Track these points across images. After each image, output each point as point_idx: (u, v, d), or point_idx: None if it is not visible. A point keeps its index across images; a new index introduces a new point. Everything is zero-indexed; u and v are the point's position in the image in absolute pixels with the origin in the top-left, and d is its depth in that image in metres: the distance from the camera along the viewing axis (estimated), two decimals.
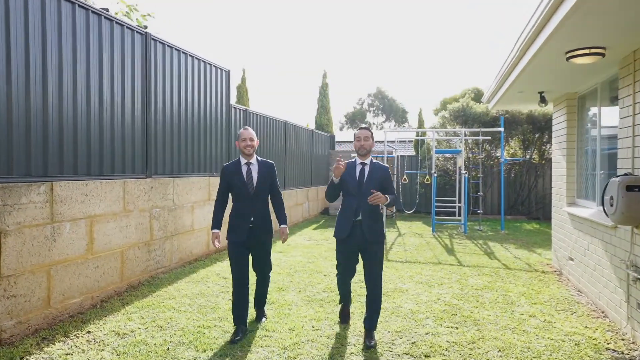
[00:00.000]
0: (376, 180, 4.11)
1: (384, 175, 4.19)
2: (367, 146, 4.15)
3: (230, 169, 4.34)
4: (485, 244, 9.46)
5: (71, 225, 4.72)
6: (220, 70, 8.28)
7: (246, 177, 4.29)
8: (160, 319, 4.58)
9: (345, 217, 4.18)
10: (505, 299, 5.47)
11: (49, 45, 4.55)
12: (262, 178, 4.35)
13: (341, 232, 4.18)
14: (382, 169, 4.21)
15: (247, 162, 4.34)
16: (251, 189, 4.29)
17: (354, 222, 4.11)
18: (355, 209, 4.10)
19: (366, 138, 4.15)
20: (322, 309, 4.96)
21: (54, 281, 4.51)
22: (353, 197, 4.13)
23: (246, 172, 4.31)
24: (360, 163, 4.21)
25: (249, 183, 4.29)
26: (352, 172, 4.18)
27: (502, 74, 6.14)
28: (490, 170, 14.88)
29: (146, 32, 6.15)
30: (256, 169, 4.35)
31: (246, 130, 4.35)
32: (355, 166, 4.22)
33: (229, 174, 4.31)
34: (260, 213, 4.32)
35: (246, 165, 4.33)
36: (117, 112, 5.55)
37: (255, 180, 4.31)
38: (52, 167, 4.60)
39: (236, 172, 4.30)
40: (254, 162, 4.38)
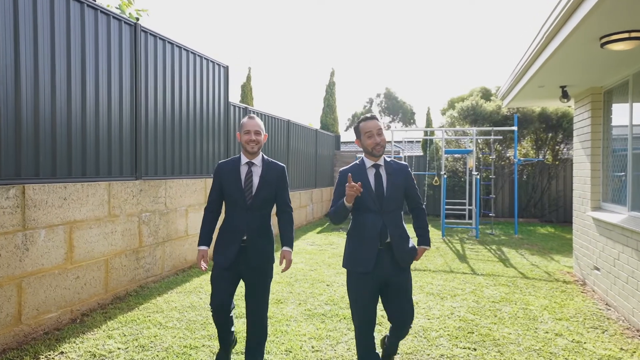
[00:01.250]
0: (398, 187, 3.09)
1: (407, 178, 3.17)
2: (384, 143, 3.07)
3: (227, 167, 3.33)
4: (498, 249, 8.93)
5: (47, 232, 4.27)
6: (218, 66, 7.83)
7: (244, 181, 3.25)
8: (144, 337, 4.12)
9: (366, 242, 3.01)
10: (526, 313, 4.96)
11: (22, 34, 4.10)
12: (266, 185, 3.27)
13: (363, 263, 2.99)
14: (402, 169, 3.18)
15: (249, 161, 3.30)
16: (248, 197, 3.23)
17: (381, 247, 3.02)
18: (380, 229, 2.99)
19: (380, 132, 3.05)
20: (323, 325, 4.47)
21: (25, 295, 4.06)
22: (374, 214, 3.02)
23: (245, 174, 3.27)
24: (372, 165, 3.09)
25: (247, 189, 3.24)
26: (363, 179, 3.05)
27: (521, 67, 5.63)
28: (502, 171, 14.33)
29: (135, 23, 5.70)
30: (259, 172, 3.29)
31: (251, 119, 3.28)
32: (365, 170, 3.10)
33: (223, 174, 3.31)
34: (256, 231, 3.24)
35: (247, 166, 3.29)
36: (102, 109, 5.11)
37: (256, 186, 3.25)
38: (26, 168, 4.15)
39: (233, 172, 3.28)
40: (258, 162, 3.32)
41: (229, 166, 3.34)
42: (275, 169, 3.37)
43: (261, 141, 3.29)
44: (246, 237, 3.21)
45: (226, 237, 3.26)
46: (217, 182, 3.36)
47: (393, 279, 3.05)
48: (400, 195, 3.12)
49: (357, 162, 3.16)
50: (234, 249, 3.20)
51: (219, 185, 3.35)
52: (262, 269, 3.29)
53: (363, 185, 3.01)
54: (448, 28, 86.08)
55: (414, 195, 3.26)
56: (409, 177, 3.21)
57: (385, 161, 3.15)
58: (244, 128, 3.28)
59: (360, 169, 3.10)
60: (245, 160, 3.31)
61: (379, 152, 3.05)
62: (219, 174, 3.35)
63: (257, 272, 3.27)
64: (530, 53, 4.97)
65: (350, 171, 3.08)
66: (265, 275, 3.32)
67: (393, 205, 3.06)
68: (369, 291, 3.04)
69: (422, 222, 3.28)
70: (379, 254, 3.02)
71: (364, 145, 3.08)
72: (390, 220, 3.04)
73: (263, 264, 3.27)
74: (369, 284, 3.02)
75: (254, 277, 3.27)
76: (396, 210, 3.09)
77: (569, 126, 13.46)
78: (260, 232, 3.26)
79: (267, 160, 3.38)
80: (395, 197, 3.08)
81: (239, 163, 3.32)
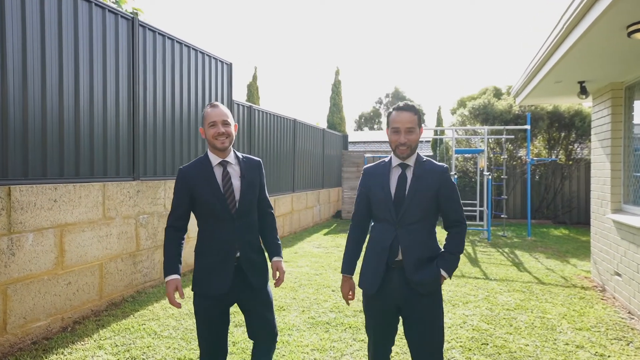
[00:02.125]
0: (425, 194, 2.43)
1: (442, 184, 2.47)
2: (412, 143, 2.45)
3: (194, 172, 2.59)
4: (511, 252, 8.61)
5: (35, 236, 4.05)
6: (221, 63, 7.59)
7: (223, 186, 2.57)
8: (137, 348, 3.88)
9: (374, 258, 2.52)
10: (543, 322, 4.65)
11: (9, 27, 3.89)
12: (249, 186, 2.65)
13: (368, 282, 2.54)
14: (437, 172, 2.48)
15: (222, 160, 2.61)
16: (232, 204, 2.57)
17: (389, 265, 2.49)
18: (390, 243, 2.45)
19: (410, 129, 2.44)
20: (327, 335, 4.21)
21: (11, 302, 3.84)
22: (388, 224, 2.48)
23: (222, 177, 2.59)
24: (398, 164, 2.53)
25: (229, 195, 2.57)
26: (384, 180, 2.51)
27: (537, 62, 5.32)
28: (513, 172, 13.97)
29: (133, 18, 5.48)
30: (237, 173, 2.64)
31: (215, 107, 2.60)
32: (389, 170, 2.54)
33: (192, 181, 2.56)
34: (250, 244, 2.62)
35: (220, 167, 2.61)
36: (97, 106, 4.88)
37: (239, 190, 2.60)
38: (13, 168, 3.94)
39: (205, 177, 2.57)
40: (233, 160, 2.65)
41: (196, 170, 2.59)
42: (253, 165, 2.74)
43: (232, 133, 2.61)
44: (239, 253, 2.56)
45: (212, 259, 2.54)
46: (183, 193, 2.58)
47: (408, 306, 2.47)
48: (428, 205, 2.45)
49: (386, 159, 2.61)
50: (227, 270, 2.53)
51: (187, 197, 2.58)
52: (265, 289, 2.69)
53: (379, 186, 2.52)
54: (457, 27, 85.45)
55: (451, 208, 2.50)
56: (446, 183, 2.48)
57: (417, 161, 2.51)
58: (207, 120, 2.58)
59: (384, 168, 2.56)
60: (217, 160, 2.61)
61: (402, 154, 2.46)
62: (185, 181, 2.58)
63: (258, 296, 2.65)
64: (548, 45, 4.67)
65: (373, 170, 2.61)
66: (267, 292, 2.71)
67: (414, 216, 2.44)
68: (378, 315, 2.56)
69: (453, 244, 2.51)
70: (387, 274, 2.48)
71: (389, 140, 2.53)
72: (407, 234, 2.44)
73: (262, 282, 2.67)
74: (377, 308, 2.55)
75: (253, 299, 2.65)
76: (419, 223, 2.45)
77: (583, 125, 13.08)
78: (252, 245, 2.65)
79: (242, 157, 2.72)
80: (419, 207, 2.43)
81: (210, 165, 2.60)
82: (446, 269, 2.47)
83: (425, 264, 2.45)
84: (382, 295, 2.50)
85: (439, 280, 2.45)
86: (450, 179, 2.52)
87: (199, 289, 2.55)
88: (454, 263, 2.50)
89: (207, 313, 2.55)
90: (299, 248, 8.74)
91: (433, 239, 2.53)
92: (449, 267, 2.48)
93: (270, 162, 9.77)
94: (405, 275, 2.44)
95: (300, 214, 11.46)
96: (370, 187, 2.58)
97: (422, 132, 2.52)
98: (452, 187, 2.51)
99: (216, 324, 2.58)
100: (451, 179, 2.53)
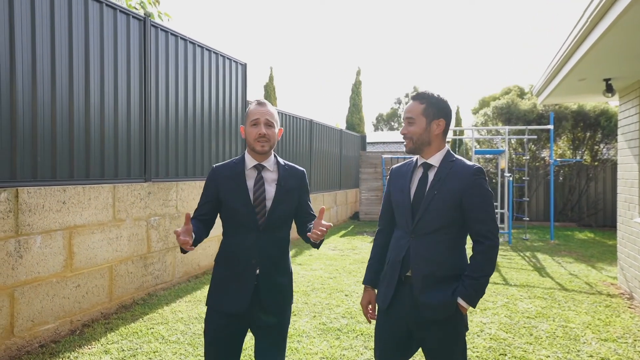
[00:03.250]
0: (446, 200, 2.10)
1: (467, 189, 2.09)
2: (412, 134, 2.16)
3: (226, 172, 2.32)
4: (533, 256, 8.33)
5: (43, 238, 4.02)
6: (235, 64, 7.53)
7: (254, 193, 2.27)
8: (143, 353, 3.81)
9: (389, 268, 2.24)
10: (566, 332, 4.43)
11: (19, 27, 3.87)
12: (284, 197, 2.31)
13: (381, 295, 2.27)
14: (464, 174, 2.12)
15: (258, 164, 2.32)
16: (260, 213, 2.26)
17: (401, 279, 2.19)
18: (403, 255, 2.16)
19: (409, 120, 2.17)
20: (337, 342, 4.07)
21: (19, 305, 3.81)
22: (403, 232, 2.21)
23: (255, 182, 2.29)
24: (422, 164, 2.22)
25: (258, 204, 2.26)
26: (404, 182, 2.24)
27: (560, 59, 5.09)
28: (536, 173, 13.60)
29: (144, 18, 5.44)
30: (274, 179, 2.32)
31: (261, 105, 2.30)
32: (413, 170, 2.25)
33: (222, 181, 2.31)
34: (272, 261, 2.28)
35: (255, 170, 2.32)
36: (108, 107, 4.85)
37: (271, 200, 2.28)
38: (22, 170, 3.91)
39: (236, 179, 2.29)
40: (271, 166, 2.35)
41: (229, 171, 2.32)
42: (295, 174, 2.39)
43: (274, 137, 2.29)
44: (259, 270, 2.23)
45: (230, 271, 2.26)
46: (211, 192, 2.33)
47: (419, 331, 2.16)
48: (449, 213, 2.10)
49: (413, 158, 2.31)
50: (247, 288, 2.21)
51: (213, 197, 2.33)
52: (280, 316, 2.31)
53: (401, 191, 2.23)
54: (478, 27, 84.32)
55: (476, 219, 2.09)
56: (474, 187, 2.08)
57: (444, 160, 2.16)
58: (250, 117, 2.28)
59: (408, 167, 2.28)
60: (253, 163, 2.31)
61: (405, 148, 2.21)
62: (214, 180, 2.33)
63: (273, 320, 2.29)
64: (571, 41, 4.45)
65: (398, 169, 2.34)
66: (284, 323, 2.36)
67: (431, 226, 2.11)
68: (387, 333, 2.24)
69: (475, 267, 2.09)
70: (398, 290, 2.18)
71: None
72: (420, 246, 2.13)
73: (282, 308, 2.32)
74: (386, 326, 2.24)
75: (268, 328, 2.30)
76: (437, 234, 2.12)
77: (609, 124, 12.66)
78: (277, 264, 2.30)
79: (283, 164, 2.39)
80: (437, 214, 2.10)
81: (244, 167, 2.31)
82: (465, 296, 2.07)
83: (439, 284, 2.10)
84: (393, 312, 2.20)
85: (451, 307, 2.08)
86: (482, 183, 2.09)
87: (213, 302, 2.28)
88: (477, 290, 2.07)
89: (217, 334, 2.25)
90: (314, 250, 8.61)
91: (456, 254, 2.15)
92: (467, 295, 2.07)
93: None
94: (412, 293, 2.14)
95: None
96: (392, 188, 2.32)
97: (442, 125, 2.16)
98: (481, 192, 2.09)
99: (225, 349, 2.25)
100: (484, 183, 2.10)
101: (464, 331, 2.17)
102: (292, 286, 2.40)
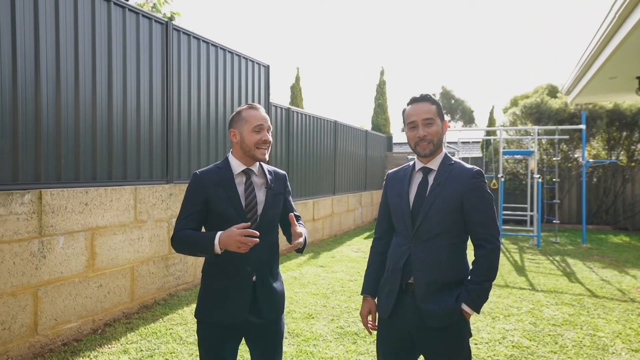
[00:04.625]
0: (447, 204, 2.06)
1: (468, 192, 2.06)
2: (434, 137, 2.10)
3: (212, 178, 2.23)
4: (563, 260, 8.05)
5: (66, 239, 4.12)
6: (258, 66, 7.57)
7: (245, 199, 2.21)
8: (160, 354, 3.85)
9: (389, 277, 2.19)
10: (593, 341, 4.26)
11: (43, 33, 3.97)
12: (274, 201, 2.30)
13: (382, 304, 2.21)
14: (464, 177, 2.08)
15: (246, 169, 2.27)
16: (252, 220, 2.21)
17: (402, 286, 2.13)
18: (404, 262, 2.11)
19: (428, 121, 2.09)
20: (354, 347, 4.02)
21: (42, 304, 3.91)
22: (403, 239, 2.15)
23: (245, 188, 2.24)
24: (421, 168, 2.19)
25: (250, 210, 2.22)
26: (403, 187, 2.19)
27: (588, 56, 4.90)
28: (568, 174, 13.17)
29: (167, 22, 5.52)
30: (262, 184, 2.30)
31: (257, 110, 2.26)
32: (411, 174, 2.21)
33: (210, 189, 2.20)
34: (268, 267, 2.26)
35: (243, 176, 2.27)
36: (131, 110, 4.94)
37: (262, 203, 2.25)
38: (46, 172, 4.02)
39: (224, 186, 2.21)
40: (257, 170, 2.31)
41: (215, 177, 2.23)
42: (279, 177, 2.39)
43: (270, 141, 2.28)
44: (255, 277, 2.19)
45: (226, 282, 2.18)
46: (198, 200, 2.20)
47: (421, 339, 2.10)
48: (450, 217, 2.06)
49: (410, 163, 2.27)
50: (244, 297, 2.16)
51: (201, 205, 2.20)
52: (277, 323, 2.30)
53: (399, 197, 2.18)
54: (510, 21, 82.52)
55: (477, 222, 2.05)
56: (474, 190, 2.05)
57: (443, 164, 2.13)
58: (251, 123, 2.21)
59: (405, 172, 2.23)
60: (241, 168, 2.25)
61: (424, 151, 2.10)
62: (201, 188, 2.21)
63: (269, 328, 2.26)
64: (600, 36, 4.27)
65: (394, 174, 2.31)
66: (279, 331, 2.32)
67: (432, 231, 2.07)
68: (389, 343, 2.19)
69: (478, 271, 2.04)
70: (400, 297, 2.12)
71: (407, 140, 2.18)
72: (422, 252, 2.07)
73: (279, 314, 2.29)
74: (389, 335, 2.18)
75: (264, 337, 2.26)
76: (438, 239, 2.07)
77: None
78: (271, 269, 2.28)
79: (267, 168, 2.38)
80: (438, 219, 2.06)
81: (230, 172, 2.25)
82: (469, 302, 2.02)
83: (441, 291, 2.05)
84: (395, 322, 2.14)
85: (455, 314, 2.03)
86: (481, 186, 2.07)
87: (206, 315, 2.18)
88: (480, 295, 2.02)
89: (212, 345, 2.20)
90: (337, 252, 8.57)
91: (458, 259, 2.11)
92: (471, 300, 2.02)
93: (309, 164, 9.67)
94: (414, 300, 2.08)
95: (341, 217, 11.30)
96: (388, 194, 2.27)
97: (447, 126, 2.16)
98: (481, 195, 2.06)
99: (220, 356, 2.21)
100: (484, 186, 2.08)
101: (468, 337, 2.12)
102: (284, 293, 2.36)
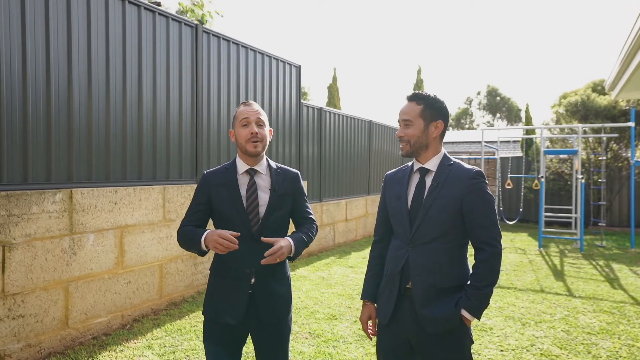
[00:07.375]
0: (446, 206, 1.99)
1: (468, 193, 1.98)
2: (410, 137, 2.06)
3: (217, 179, 2.28)
4: (607, 265, 7.65)
5: (96, 236, 4.28)
6: (290, 66, 7.61)
7: (246, 200, 2.22)
8: (182, 351, 3.94)
9: (387, 281, 2.12)
10: (631, 352, 4.01)
11: (75, 38, 4.14)
12: (279, 201, 2.26)
13: (381, 310, 2.14)
14: (463, 178, 2.01)
15: (250, 168, 2.27)
16: (254, 221, 2.20)
17: (401, 291, 2.06)
18: (402, 266, 2.04)
19: (406, 122, 2.07)
20: (373, 350, 3.97)
21: (73, 299, 4.08)
22: (401, 242, 2.09)
23: (247, 189, 2.24)
24: (418, 169, 2.12)
25: (252, 211, 2.21)
26: (401, 188, 2.12)
27: (630, 45, 4.62)
28: (618, 174, 12.50)
29: (196, 25, 5.64)
30: (267, 184, 2.27)
31: (248, 106, 2.29)
32: (409, 176, 2.14)
33: (213, 189, 2.26)
34: (270, 270, 2.21)
35: (247, 176, 2.27)
36: (161, 112, 5.07)
37: (265, 205, 2.23)
38: (77, 173, 4.19)
39: (228, 186, 2.24)
40: (263, 169, 2.30)
41: (219, 177, 2.27)
42: (289, 177, 2.33)
43: (265, 137, 2.26)
44: (254, 280, 2.18)
45: (226, 281, 2.21)
46: (203, 199, 2.26)
47: (420, 346, 2.02)
48: (449, 220, 1.98)
49: (409, 163, 2.21)
50: (241, 300, 2.16)
51: (205, 204, 2.26)
52: (278, 326, 2.26)
53: (397, 198, 2.11)
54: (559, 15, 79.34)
55: (476, 224, 1.98)
56: (474, 191, 1.98)
57: (441, 164, 2.06)
58: (239, 118, 2.25)
59: (403, 173, 2.17)
60: (245, 168, 2.26)
61: (401, 151, 2.11)
62: (206, 187, 2.27)
63: (271, 330, 2.24)
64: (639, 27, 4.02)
65: (392, 176, 2.23)
66: (283, 333, 2.29)
67: (431, 234, 1.99)
68: (388, 350, 2.11)
69: (478, 276, 1.97)
70: (398, 303, 2.05)
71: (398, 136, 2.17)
72: (421, 256, 2.00)
73: (280, 318, 2.25)
74: (388, 342, 2.11)
75: (267, 337, 2.25)
76: (437, 242, 2.00)
77: None
78: (274, 272, 2.23)
79: (276, 167, 2.34)
80: (437, 222, 1.98)
81: (235, 172, 2.26)
82: (468, 308, 1.95)
83: (440, 296, 1.98)
84: (394, 327, 2.07)
85: (455, 320, 1.95)
86: (481, 187, 1.99)
87: (210, 313, 2.23)
88: (480, 301, 1.95)
89: (216, 342, 2.22)
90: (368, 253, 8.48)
91: (458, 263, 2.03)
92: (471, 306, 1.95)
93: (342, 164, 9.64)
94: (413, 306, 2.01)
95: (375, 218, 11.19)
96: (387, 195, 2.19)
97: (441, 127, 2.06)
98: (481, 196, 1.98)
99: (226, 355, 2.22)
100: (484, 187, 2.00)
101: (469, 345, 2.05)
102: (290, 295, 2.33)
